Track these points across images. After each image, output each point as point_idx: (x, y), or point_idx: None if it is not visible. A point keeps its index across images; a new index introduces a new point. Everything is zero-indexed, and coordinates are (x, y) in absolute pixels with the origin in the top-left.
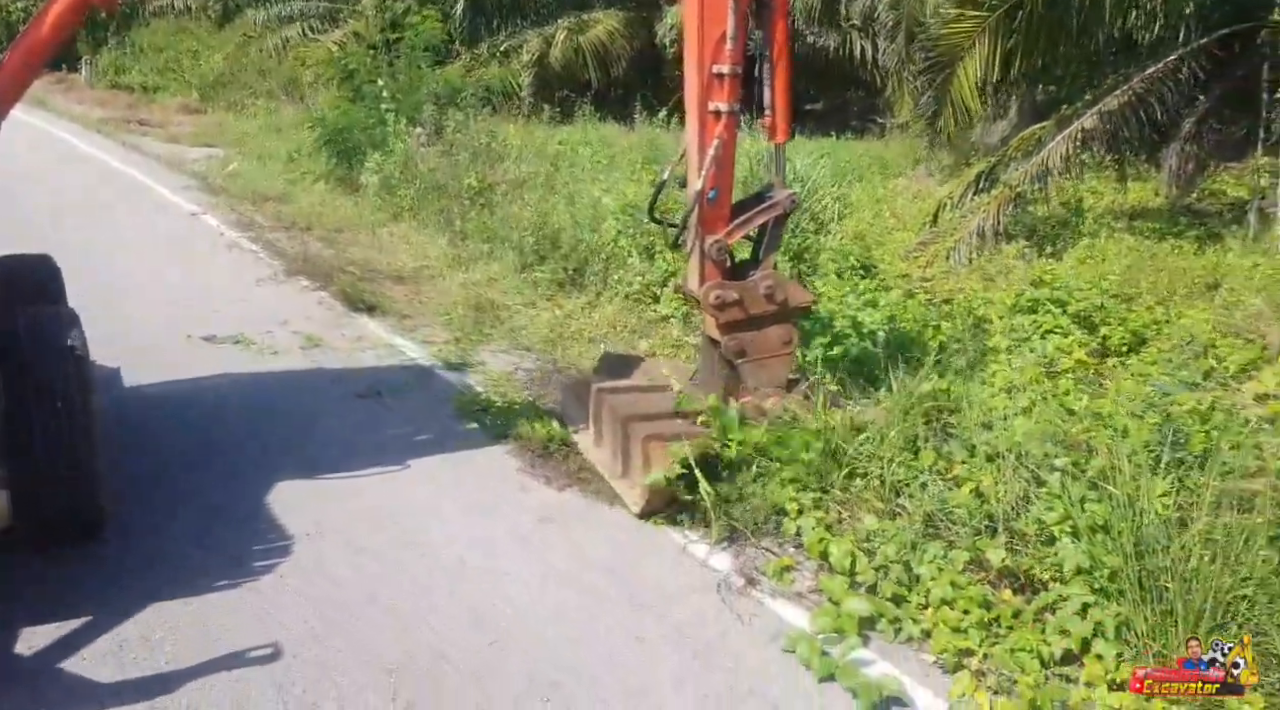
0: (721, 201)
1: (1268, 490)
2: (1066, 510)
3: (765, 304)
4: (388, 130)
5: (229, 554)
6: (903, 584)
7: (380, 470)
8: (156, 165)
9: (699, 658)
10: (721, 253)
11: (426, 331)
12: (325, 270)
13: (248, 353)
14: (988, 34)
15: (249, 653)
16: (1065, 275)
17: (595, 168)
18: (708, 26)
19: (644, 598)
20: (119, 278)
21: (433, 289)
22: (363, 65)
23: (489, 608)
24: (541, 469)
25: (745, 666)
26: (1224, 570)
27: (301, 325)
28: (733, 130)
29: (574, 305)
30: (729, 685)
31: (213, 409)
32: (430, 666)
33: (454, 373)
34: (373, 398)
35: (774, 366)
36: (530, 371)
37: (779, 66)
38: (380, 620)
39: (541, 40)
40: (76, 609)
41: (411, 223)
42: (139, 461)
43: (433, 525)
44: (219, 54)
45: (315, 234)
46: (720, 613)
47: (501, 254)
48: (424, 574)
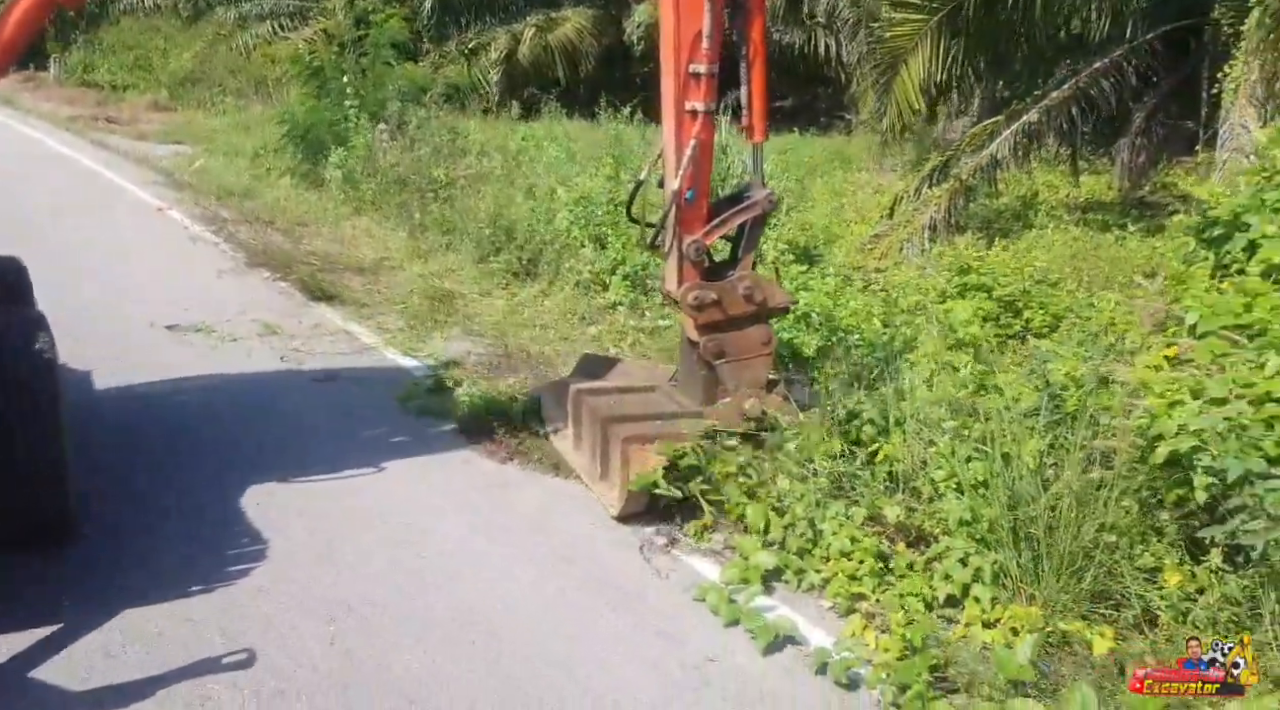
0: (699, 201)
1: (1126, 447)
2: (952, 469)
3: (744, 304)
4: (350, 126)
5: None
6: (808, 539)
7: (329, 448)
8: (123, 162)
9: (613, 604)
10: (699, 253)
11: (382, 319)
12: (286, 262)
13: (208, 340)
14: (929, 35)
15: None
16: (993, 263)
17: (555, 163)
18: (684, 25)
19: (569, 554)
20: (84, 270)
21: (391, 279)
22: (328, 62)
23: (425, 563)
24: (485, 445)
25: (657, 612)
26: (1085, 519)
27: (261, 314)
28: (710, 130)
29: (527, 294)
30: (638, 625)
31: (173, 393)
32: (368, 613)
33: (406, 357)
34: (326, 381)
35: (753, 367)
36: (480, 356)
37: (755, 67)
38: (323, 575)
39: (510, 38)
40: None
41: (373, 216)
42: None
43: (378, 495)
44: (188, 52)
45: (278, 227)
46: (641, 568)
47: (460, 246)
48: (368, 536)
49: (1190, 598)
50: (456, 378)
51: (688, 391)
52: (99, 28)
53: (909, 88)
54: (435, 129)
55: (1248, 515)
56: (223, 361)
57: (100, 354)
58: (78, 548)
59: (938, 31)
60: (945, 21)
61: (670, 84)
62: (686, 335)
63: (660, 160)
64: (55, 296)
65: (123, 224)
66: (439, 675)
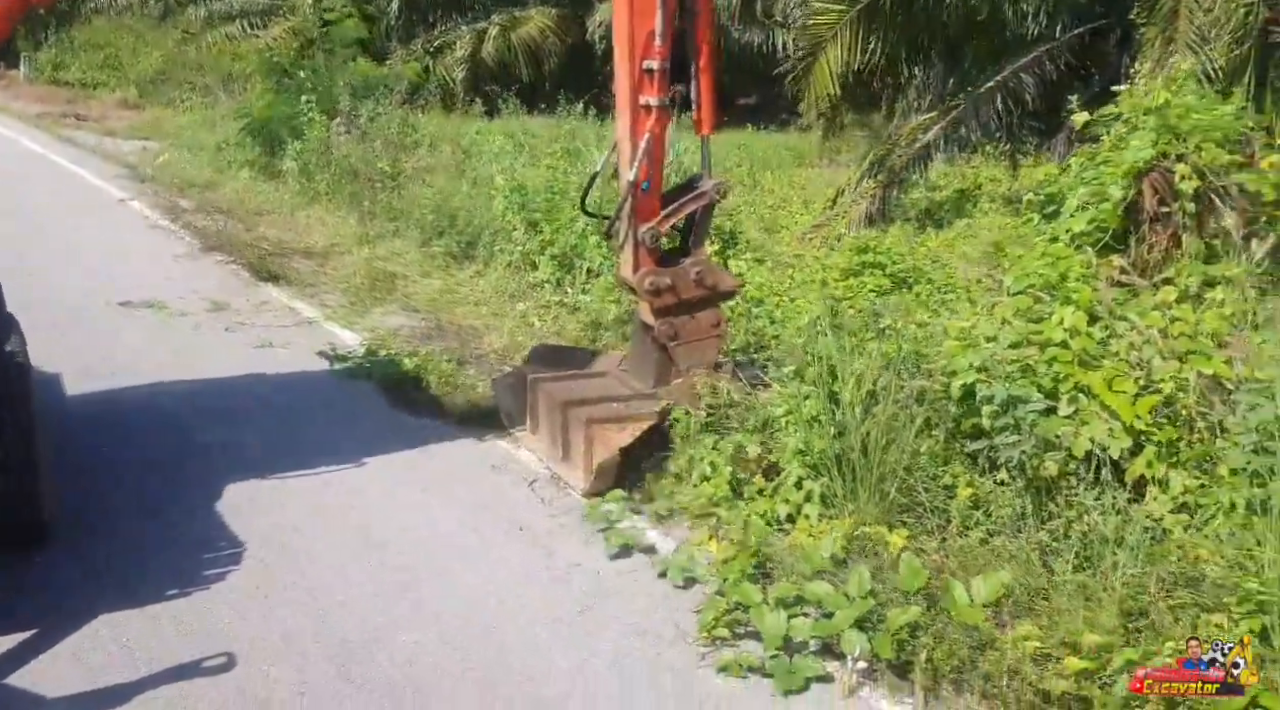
0: (653, 192)
1: (933, 385)
2: (791, 406)
3: (696, 289)
4: (305, 120)
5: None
6: (681, 468)
7: (263, 406)
8: (90, 157)
9: (501, 526)
10: (655, 241)
11: (325, 297)
12: (239, 247)
13: (159, 316)
14: (849, 25)
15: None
16: (890, 244)
17: (499, 154)
18: (637, 23)
19: (463, 487)
20: (49, 256)
21: (339, 263)
22: (287, 59)
23: (334, 498)
24: (406, 403)
25: (536, 528)
26: (893, 448)
27: (211, 293)
28: (663, 123)
29: (464, 274)
30: (519, 543)
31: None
32: (288, 542)
33: (344, 330)
34: (266, 348)
35: (704, 348)
36: (415, 328)
37: (704, 63)
38: (241, 506)
39: (475, 36)
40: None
41: (326, 206)
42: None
43: (307, 447)
44: (158, 51)
45: (235, 217)
46: (528, 497)
47: (405, 232)
48: (295, 481)
49: (976, 506)
50: (388, 345)
51: (640, 374)
52: (70, 27)
53: (826, 76)
54: (386, 123)
55: (1011, 433)
56: (171, 334)
57: (57, 327)
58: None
59: (857, 21)
60: (864, 13)
61: (624, 80)
62: (641, 319)
63: (615, 153)
64: (17, 280)
65: (85, 215)
66: (359, 596)
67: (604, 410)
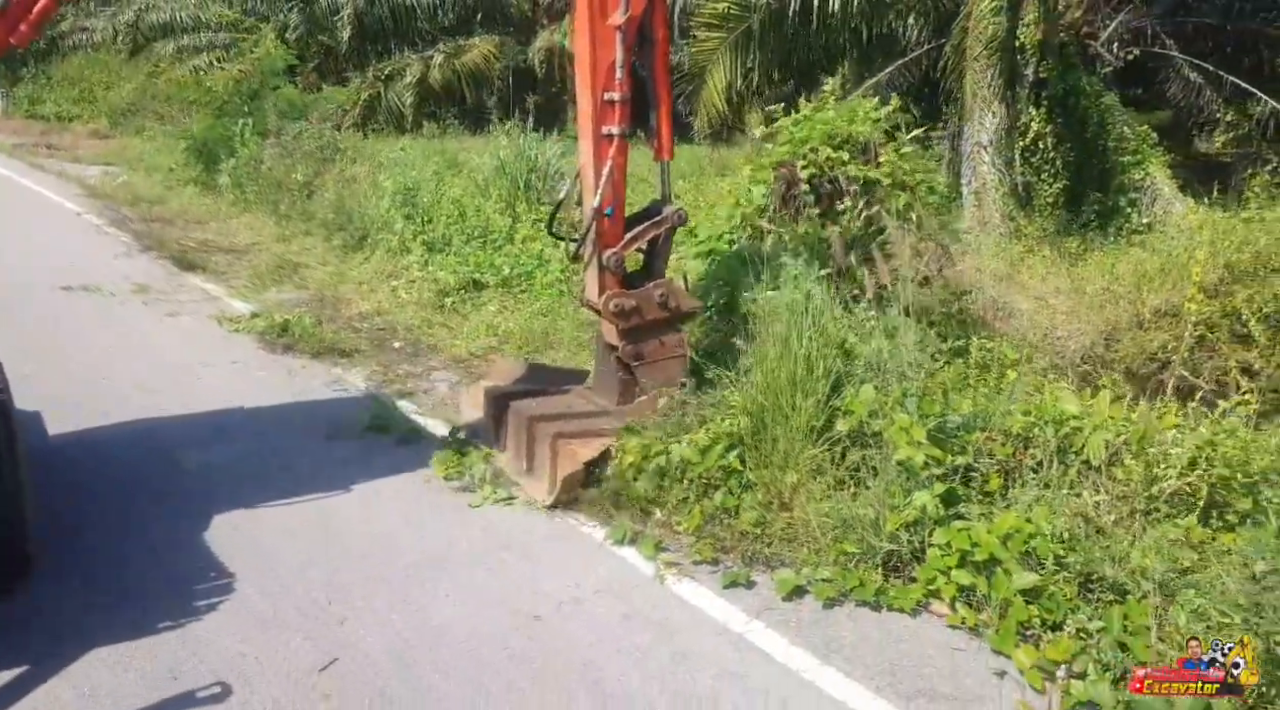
0: (616, 217)
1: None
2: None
3: (660, 310)
4: (237, 140)
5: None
6: None
7: (165, 351)
8: (55, 180)
9: (320, 417)
10: (619, 265)
11: (233, 282)
12: (170, 246)
13: (93, 296)
14: (729, 49)
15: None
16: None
17: (406, 166)
18: (599, 53)
19: (306, 394)
20: (5, 254)
21: (255, 257)
22: (226, 89)
23: (207, 403)
24: (280, 348)
25: (351, 431)
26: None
27: (139, 280)
28: (624, 152)
29: (355, 260)
30: (325, 434)
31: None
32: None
33: (242, 302)
34: (174, 316)
35: (668, 368)
36: (301, 300)
37: (661, 93)
38: (132, 396)
39: (422, 63)
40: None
41: (256, 213)
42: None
43: (194, 380)
44: (130, 84)
45: (175, 225)
46: (354, 403)
47: (314, 230)
48: (181, 400)
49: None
50: (271, 312)
51: (604, 392)
52: (48, 63)
53: (714, 94)
54: (306, 141)
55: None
56: (100, 308)
57: (9, 305)
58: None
59: (735, 46)
60: (741, 38)
61: (587, 110)
62: (605, 340)
63: (579, 180)
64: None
65: (43, 224)
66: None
67: (569, 425)
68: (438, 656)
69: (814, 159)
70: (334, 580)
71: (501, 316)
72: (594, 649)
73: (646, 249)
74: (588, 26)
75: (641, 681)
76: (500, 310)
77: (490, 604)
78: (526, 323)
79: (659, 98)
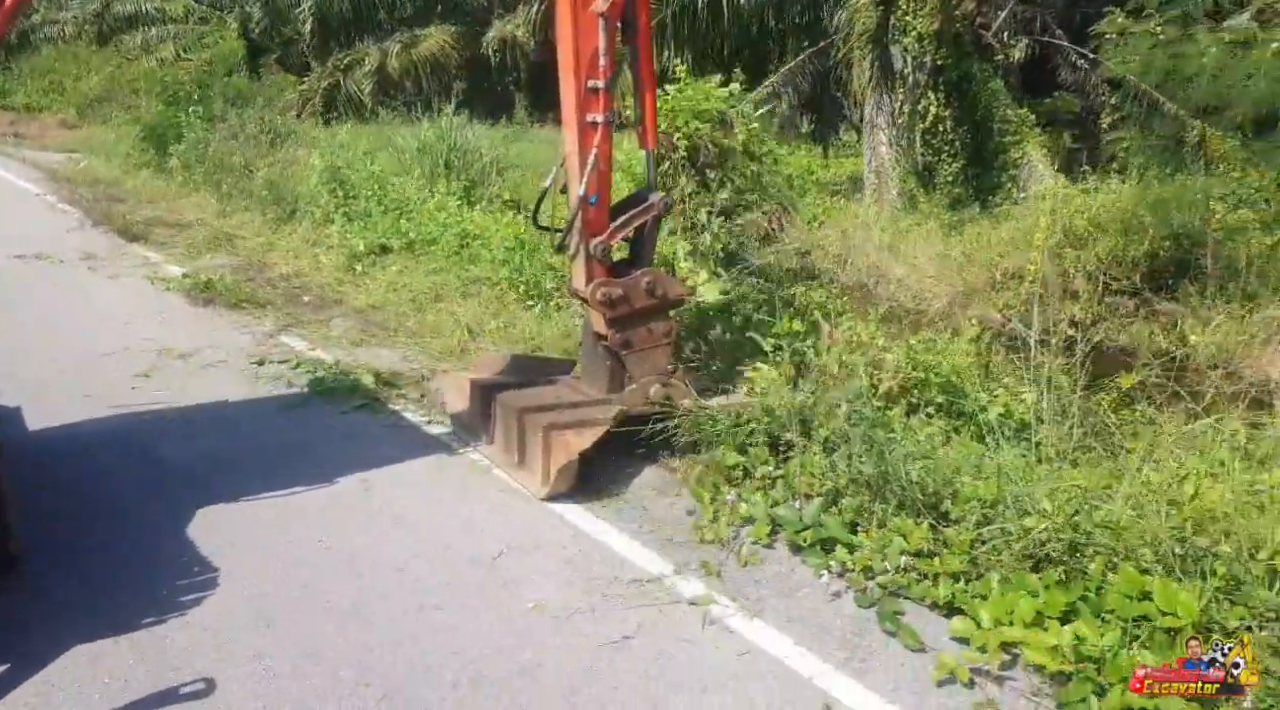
0: (602, 206)
1: None
2: None
3: (647, 298)
4: (185, 126)
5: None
6: None
7: (101, 302)
8: (20, 166)
9: (236, 366)
10: (605, 253)
11: (171, 251)
12: (117, 221)
13: (43, 263)
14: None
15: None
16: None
17: (347, 150)
18: (582, 42)
19: (226, 340)
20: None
21: (196, 231)
22: (176, 79)
23: (138, 344)
24: (203, 301)
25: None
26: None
27: (88, 250)
28: (608, 139)
29: (285, 231)
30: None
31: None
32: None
33: (176, 266)
34: (115, 278)
35: (656, 356)
36: (230, 265)
37: (645, 81)
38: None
39: (380, 53)
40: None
41: (203, 193)
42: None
43: (126, 328)
44: (98, 75)
45: (127, 203)
46: (264, 344)
47: (253, 207)
48: (125, 340)
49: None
50: (200, 274)
51: (593, 382)
52: (20, 57)
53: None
54: (250, 126)
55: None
56: (50, 272)
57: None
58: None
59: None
60: (656, 29)
61: (570, 97)
62: (593, 329)
63: (563, 169)
64: None
65: (2, 203)
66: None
67: (560, 416)
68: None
69: (686, 132)
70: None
71: (402, 276)
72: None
73: (633, 237)
74: (570, 14)
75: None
76: (401, 271)
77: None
78: (422, 280)
79: (642, 85)
